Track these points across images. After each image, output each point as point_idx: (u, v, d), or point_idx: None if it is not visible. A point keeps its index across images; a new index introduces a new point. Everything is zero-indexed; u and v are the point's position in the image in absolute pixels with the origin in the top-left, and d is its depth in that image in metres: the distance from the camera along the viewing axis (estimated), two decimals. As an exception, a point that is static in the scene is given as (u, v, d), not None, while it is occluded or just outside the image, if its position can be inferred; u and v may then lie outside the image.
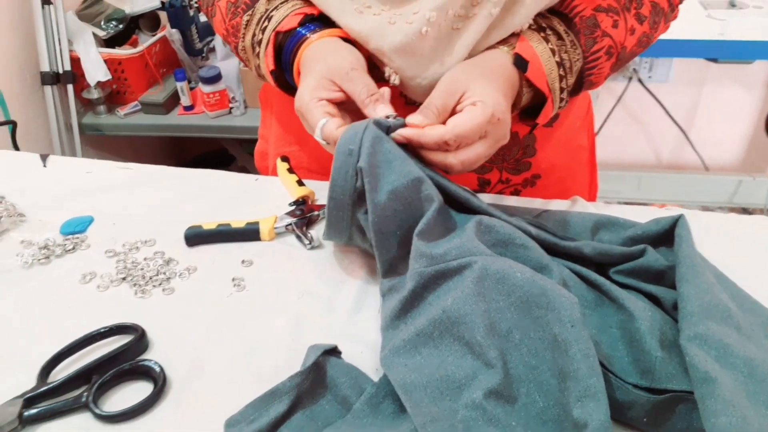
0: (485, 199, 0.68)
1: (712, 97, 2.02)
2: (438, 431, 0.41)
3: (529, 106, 0.64)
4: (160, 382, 0.48)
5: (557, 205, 0.67)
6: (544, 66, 0.60)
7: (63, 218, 0.68)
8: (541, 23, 0.62)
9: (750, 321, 0.49)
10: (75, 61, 1.63)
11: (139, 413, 0.46)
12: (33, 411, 0.46)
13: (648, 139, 2.18)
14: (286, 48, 0.63)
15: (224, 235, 0.63)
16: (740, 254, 0.60)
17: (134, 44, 1.73)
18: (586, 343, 0.43)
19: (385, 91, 0.59)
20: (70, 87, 1.65)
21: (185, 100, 1.71)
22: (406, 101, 0.67)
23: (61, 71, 1.63)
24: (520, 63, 0.60)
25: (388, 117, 0.56)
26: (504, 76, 0.59)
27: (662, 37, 1.61)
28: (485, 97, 0.55)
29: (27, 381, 0.48)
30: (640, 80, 1.96)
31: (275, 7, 0.64)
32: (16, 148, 1.30)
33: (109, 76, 1.65)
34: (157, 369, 0.49)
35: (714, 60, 1.51)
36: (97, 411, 0.46)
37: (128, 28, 1.73)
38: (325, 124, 0.56)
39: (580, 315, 0.44)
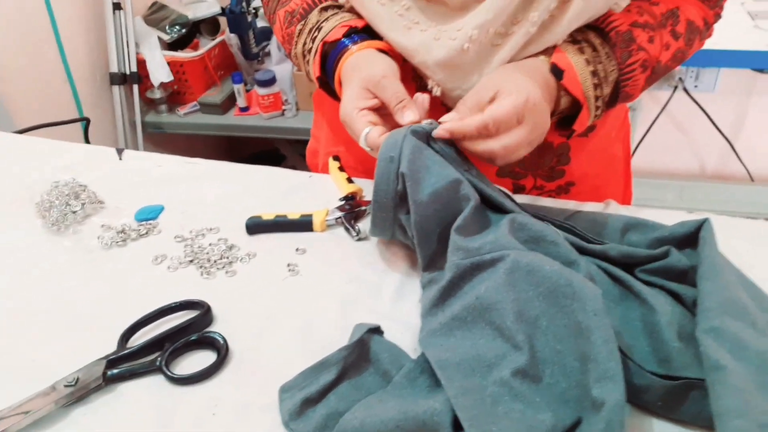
0: (520, 199, 0.72)
1: (758, 108, 1.99)
2: (468, 402, 0.46)
3: (566, 116, 0.68)
4: (223, 352, 0.54)
5: (590, 207, 0.71)
6: (579, 75, 0.64)
7: (137, 206, 0.75)
8: (576, 36, 0.65)
9: (766, 319, 0.52)
10: (140, 63, 1.74)
11: (204, 377, 0.53)
12: (115, 371, 0.53)
13: (692, 149, 2.16)
14: (330, 57, 0.69)
15: (281, 225, 0.70)
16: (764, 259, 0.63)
17: (195, 48, 1.83)
18: (607, 331, 0.47)
19: (422, 98, 0.63)
20: (135, 87, 1.76)
21: (241, 102, 1.80)
22: (447, 109, 0.72)
23: (128, 72, 1.74)
24: (556, 71, 0.64)
25: (422, 122, 0.61)
26: (540, 76, 0.63)
27: (709, 46, 1.60)
28: (519, 86, 0.59)
29: (108, 346, 0.55)
30: (685, 89, 1.95)
31: (326, 19, 0.70)
32: (88, 143, 1.40)
33: (171, 78, 1.75)
34: (221, 340, 0.55)
35: (761, 70, 1.50)
36: (169, 374, 0.53)
37: (190, 33, 1.83)
38: (368, 133, 0.61)
39: (602, 305, 0.48)
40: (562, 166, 0.76)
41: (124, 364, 0.54)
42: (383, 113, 0.64)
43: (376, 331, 0.55)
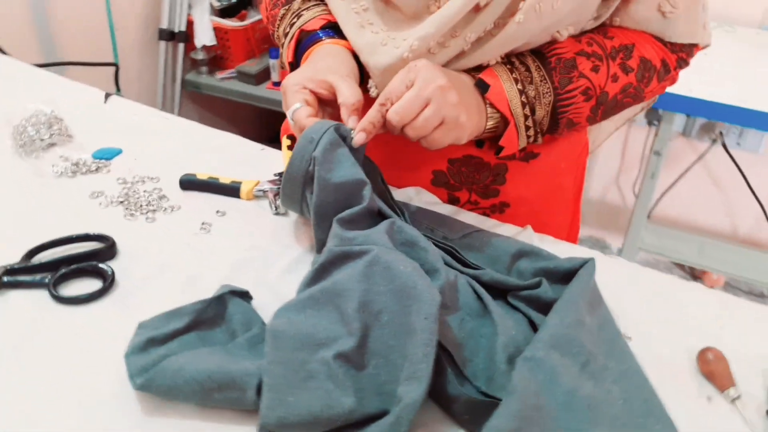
0: (445, 209, 0.74)
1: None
2: (280, 371, 0.49)
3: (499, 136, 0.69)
4: (107, 283, 0.60)
5: (506, 229, 0.72)
6: (506, 91, 0.65)
7: (99, 146, 0.82)
8: (511, 58, 0.67)
9: (607, 365, 0.53)
10: (189, 24, 1.84)
11: (84, 302, 0.58)
12: (8, 279, 0.59)
13: (725, 208, 2.08)
14: (303, 44, 0.72)
15: (211, 186, 0.75)
16: (654, 310, 0.63)
17: (242, 18, 1.91)
18: (430, 335, 0.49)
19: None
20: (181, 45, 1.86)
21: (275, 76, 1.88)
22: None
23: (177, 30, 1.84)
24: (482, 85, 0.66)
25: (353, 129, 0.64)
26: (460, 79, 0.65)
27: (759, 108, 1.53)
28: (419, 63, 0.62)
29: (16, 257, 0.62)
30: (724, 145, 1.88)
31: (307, 8, 0.74)
32: (118, 89, 1.50)
33: (214, 42, 1.84)
34: (109, 272, 0.61)
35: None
36: (53, 292, 0.58)
37: (240, 3, 1.92)
38: (297, 109, 0.64)
39: (436, 312, 0.50)
40: (497, 186, 0.77)
41: (20, 276, 0.60)
42: (325, 105, 0.67)
43: (243, 295, 0.58)
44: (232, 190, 0.74)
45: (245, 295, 0.59)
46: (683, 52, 0.72)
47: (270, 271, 0.65)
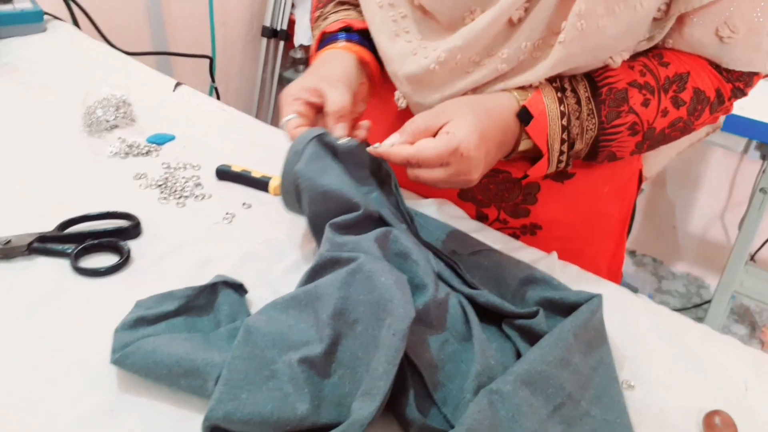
0: (471, 224, 0.72)
1: None
2: (242, 366, 0.49)
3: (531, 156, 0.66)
4: (122, 259, 0.63)
5: (528, 252, 0.68)
6: (549, 125, 0.62)
7: (157, 131, 0.87)
8: (564, 84, 0.63)
9: (589, 412, 0.48)
10: (291, 23, 1.91)
11: (99, 275, 0.62)
12: (38, 245, 0.64)
13: None
14: (321, 46, 0.74)
15: (242, 178, 0.77)
16: (668, 359, 0.57)
17: (342, 20, 1.96)
18: (395, 353, 0.48)
19: (366, 124, 0.66)
20: (281, 43, 1.94)
21: (366, 79, 1.90)
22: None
23: (279, 29, 1.92)
24: (525, 116, 0.62)
25: (344, 139, 0.63)
26: (497, 119, 0.61)
27: None
28: (458, 130, 0.58)
29: (51, 225, 0.67)
30: None
31: (335, 11, 0.74)
32: (213, 80, 1.59)
33: (312, 43, 1.90)
34: (126, 249, 0.64)
35: None
36: (73, 263, 0.63)
37: (345, 5, 1.96)
38: (288, 120, 0.64)
39: (406, 329, 0.49)
40: (527, 205, 0.73)
41: (49, 243, 0.65)
42: (320, 114, 0.66)
43: (238, 288, 0.60)
44: (261, 184, 0.76)
45: (240, 288, 0.60)
46: (741, 82, 0.65)
47: (274, 267, 0.65)
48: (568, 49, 0.59)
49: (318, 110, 0.66)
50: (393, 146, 0.60)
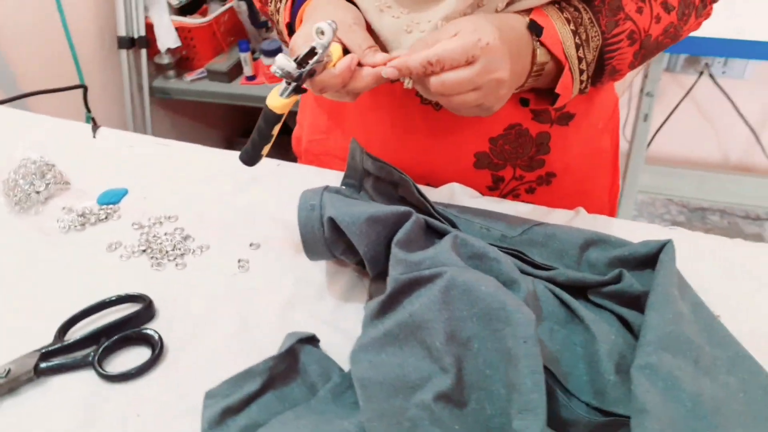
0: (490, 203, 0.70)
1: (789, 99, 1.90)
2: (383, 426, 0.44)
3: (550, 88, 0.65)
4: (157, 350, 0.54)
5: (558, 215, 0.68)
6: (559, 32, 0.60)
7: (102, 188, 0.75)
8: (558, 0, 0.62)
9: (715, 355, 0.50)
10: (149, 28, 1.73)
11: (135, 376, 0.53)
12: (47, 364, 0.53)
13: (716, 138, 2.07)
14: (296, 3, 0.67)
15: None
16: (735, 281, 0.60)
17: (204, 13, 1.81)
18: (535, 360, 0.45)
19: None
20: (143, 52, 1.75)
21: (248, 71, 1.78)
22: (421, 101, 0.70)
23: (136, 36, 1.73)
24: (535, 27, 0.60)
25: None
26: (510, 29, 0.59)
27: (737, 36, 1.52)
28: (476, 26, 0.55)
29: (47, 336, 0.55)
30: (711, 75, 1.86)
31: None
32: (88, 110, 1.40)
33: (179, 43, 1.74)
34: (156, 337, 0.55)
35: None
36: (100, 370, 0.53)
37: (200, -3, 1.81)
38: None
39: (534, 332, 0.46)
40: (541, 155, 0.73)
41: (58, 358, 0.54)
42: None
43: (311, 340, 0.54)
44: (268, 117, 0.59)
45: (312, 340, 0.54)
46: None
47: (324, 304, 0.60)
48: None
49: None
50: (407, 55, 0.55)
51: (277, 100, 0.56)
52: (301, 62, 0.55)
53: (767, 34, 1.36)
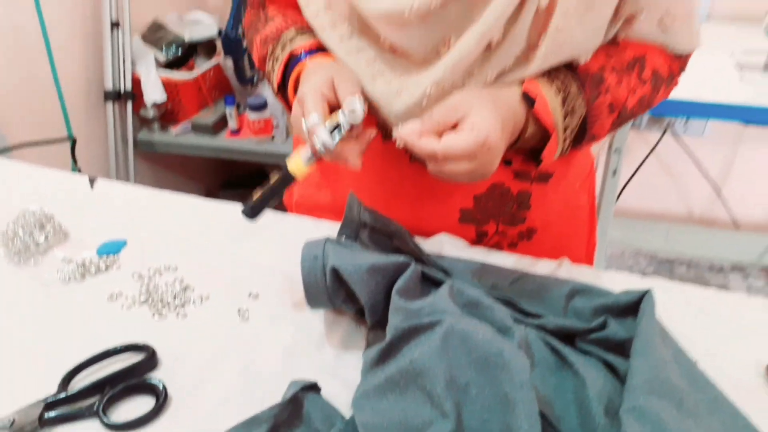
0: (477, 253, 0.73)
1: (746, 156, 2.01)
2: (388, 470, 0.46)
3: (533, 148, 0.69)
4: (161, 399, 0.55)
5: (543, 266, 0.72)
6: (549, 104, 0.64)
7: (101, 239, 0.77)
8: (549, 71, 0.66)
9: (697, 398, 0.53)
10: (135, 81, 1.77)
11: (140, 425, 0.54)
12: (51, 414, 0.53)
13: (680, 192, 2.17)
14: (290, 65, 0.70)
15: (269, 197, 0.64)
16: (711, 329, 0.64)
17: (191, 68, 1.85)
18: (531, 404, 0.48)
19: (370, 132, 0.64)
20: (129, 104, 1.78)
21: (233, 124, 1.83)
22: (411, 159, 0.74)
23: (122, 90, 1.76)
24: (528, 99, 0.64)
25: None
26: (509, 107, 0.63)
27: (697, 98, 1.61)
28: (483, 123, 0.58)
29: (51, 385, 0.56)
30: (674, 133, 1.96)
31: (302, 34, 0.71)
32: (75, 162, 1.42)
33: (165, 98, 1.77)
34: (161, 387, 0.56)
35: (746, 123, 1.52)
36: (105, 420, 0.53)
37: (187, 53, 1.86)
38: (317, 123, 0.60)
39: (529, 377, 0.49)
40: (522, 212, 0.77)
41: (62, 408, 0.54)
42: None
43: (313, 387, 0.55)
44: (286, 180, 0.63)
45: (315, 387, 0.56)
46: (683, 59, 0.75)
47: (324, 352, 0.62)
48: (547, 60, 0.64)
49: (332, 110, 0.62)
50: (420, 137, 0.59)
51: (300, 168, 0.61)
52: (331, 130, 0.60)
53: (724, 96, 1.45)
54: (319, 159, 0.61)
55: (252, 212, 0.64)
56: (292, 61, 0.70)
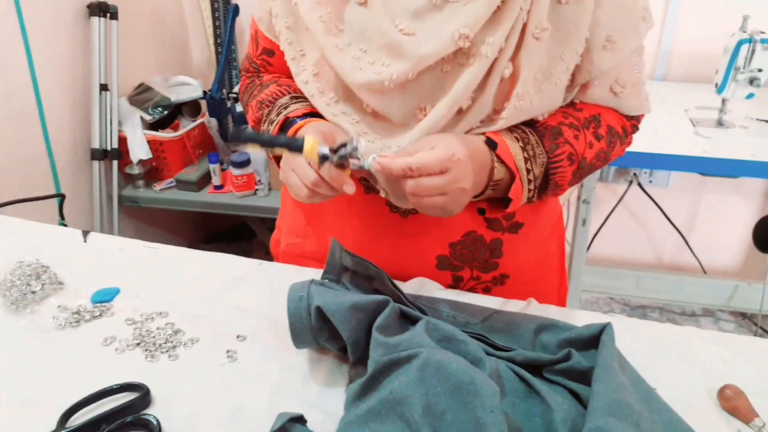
0: (451, 294, 0.79)
1: (709, 204, 2.12)
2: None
3: (501, 198, 0.75)
4: (156, 434, 0.58)
5: (513, 305, 0.77)
6: (510, 147, 0.71)
7: (95, 288, 0.80)
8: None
9: (653, 420, 0.58)
10: (122, 140, 1.83)
11: (136, 459, 0.57)
12: (52, 450, 0.56)
13: (649, 240, 2.26)
14: (286, 127, 0.76)
15: (269, 142, 0.68)
16: (667, 358, 0.69)
17: (176, 128, 1.92)
18: (501, 427, 0.52)
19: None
20: (115, 162, 1.84)
21: (216, 180, 1.89)
22: (391, 209, 0.80)
23: (109, 148, 1.82)
24: (491, 143, 0.71)
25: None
26: (475, 146, 0.70)
27: (659, 151, 1.70)
28: (452, 143, 0.66)
29: (49, 425, 0.59)
30: (640, 184, 2.07)
31: (297, 101, 0.78)
32: (62, 217, 1.45)
33: (150, 155, 1.83)
34: (155, 422, 0.59)
35: (703, 174, 1.62)
36: (103, 454, 0.56)
37: (172, 114, 1.93)
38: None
39: (498, 402, 0.54)
40: (495, 259, 0.82)
41: (61, 444, 0.57)
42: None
43: (299, 419, 0.59)
44: (295, 145, 0.67)
45: (300, 419, 0.59)
46: (635, 120, 0.83)
47: (309, 389, 0.66)
48: (509, 122, 0.72)
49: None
50: (395, 158, 0.65)
51: (312, 152, 0.65)
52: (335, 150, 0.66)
53: (681, 149, 1.55)
54: (325, 159, 0.66)
55: (238, 137, 0.68)
56: (288, 124, 0.77)
